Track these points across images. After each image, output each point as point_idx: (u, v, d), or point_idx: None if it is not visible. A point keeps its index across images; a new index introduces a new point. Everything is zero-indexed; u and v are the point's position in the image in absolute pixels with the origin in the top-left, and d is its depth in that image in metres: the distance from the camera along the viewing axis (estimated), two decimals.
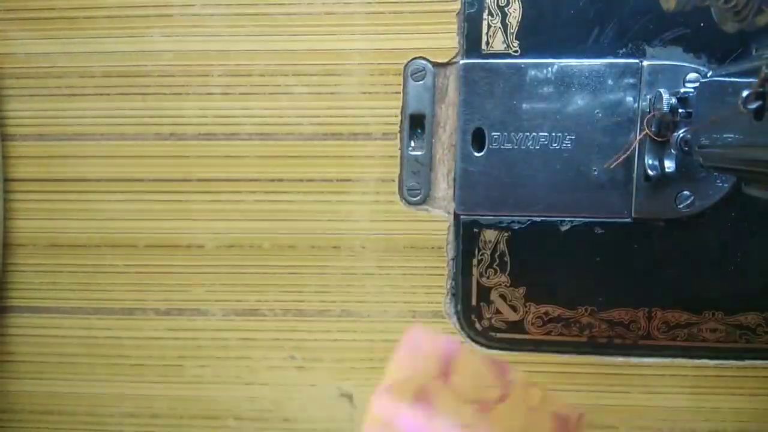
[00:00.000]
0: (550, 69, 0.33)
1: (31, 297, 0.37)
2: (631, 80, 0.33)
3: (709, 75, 0.30)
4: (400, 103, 0.34)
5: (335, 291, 0.36)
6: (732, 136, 0.25)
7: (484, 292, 0.35)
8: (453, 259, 0.35)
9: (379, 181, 0.35)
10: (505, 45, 0.33)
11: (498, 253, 0.35)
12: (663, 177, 0.32)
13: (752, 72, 0.24)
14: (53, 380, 0.37)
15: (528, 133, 0.33)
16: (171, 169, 0.35)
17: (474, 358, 0.25)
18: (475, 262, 0.35)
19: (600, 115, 0.33)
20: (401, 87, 0.34)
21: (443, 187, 0.35)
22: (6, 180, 0.36)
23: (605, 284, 0.35)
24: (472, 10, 0.33)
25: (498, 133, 0.34)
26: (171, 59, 0.35)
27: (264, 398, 0.37)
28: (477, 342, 0.36)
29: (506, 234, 0.34)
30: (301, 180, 0.35)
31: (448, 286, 0.36)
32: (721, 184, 0.33)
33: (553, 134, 0.33)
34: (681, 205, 0.33)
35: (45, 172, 0.36)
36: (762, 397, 0.35)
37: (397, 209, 0.35)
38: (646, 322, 0.34)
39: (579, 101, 0.33)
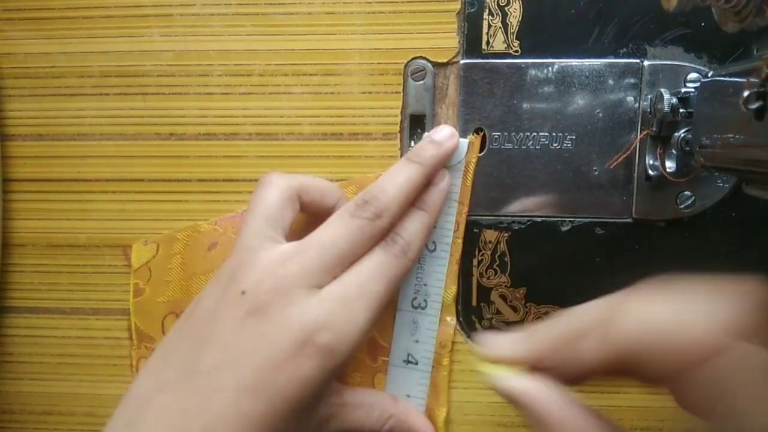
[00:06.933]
0: (550, 69, 0.33)
1: (30, 297, 0.37)
2: (632, 80, 0.33)
3: (709, 75, 0.30)
4: (400, 103, 0.34)
5: None
6: (732, 136, 0.25)
7: (484, 293, 0.35)
8: None
9: None
10: (506, 45, 0.33)
11: (498, 253, 0.35)
12: (663, 177, 0.32)
13: (753, 72, 0.24)
14: (52, 381, 0.37)
15: (528, 133, 0.33)
16: (171, 169, 0.35)
17: None
18: (475, 262, 0.35)
19: (601, 115, 0.33)
20: (401, 87, 0.34)
21: None
22: (5, 180, 0.36)
23: (606, 284, 0.34)
24: (472, 10, 0.33)
25: (498, 133, 0.34)
26: (171, 59, 0.35)
27: None
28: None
29: (506, 234, 0.34)
30: None
31: None
32: (721, 184, 0.33)
33: (554, 134, 0.33)
34: (682, 205, 0.33)
35: (44, 172, 0.36)
36: None
37: None
38: None
39: (579, 101, 0.33)
